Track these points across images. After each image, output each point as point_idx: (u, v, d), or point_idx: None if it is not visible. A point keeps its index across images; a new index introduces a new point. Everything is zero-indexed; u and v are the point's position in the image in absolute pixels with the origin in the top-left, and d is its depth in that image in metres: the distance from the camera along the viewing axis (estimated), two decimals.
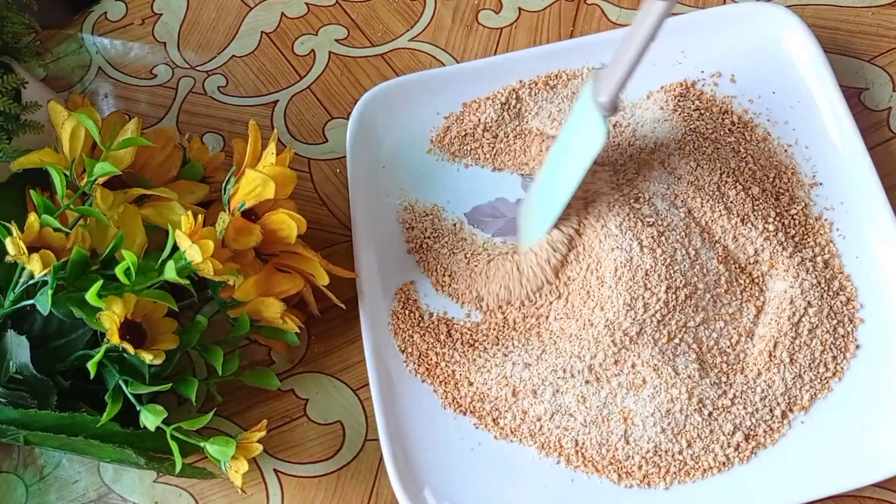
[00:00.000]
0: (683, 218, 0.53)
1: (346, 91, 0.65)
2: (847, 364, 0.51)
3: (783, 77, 0.59)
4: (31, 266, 0.46)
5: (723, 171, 0.55)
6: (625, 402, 0.50)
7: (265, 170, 0.50)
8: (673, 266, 0.51)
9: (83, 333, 0.50)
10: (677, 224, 0.53)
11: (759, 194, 0.55)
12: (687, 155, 0.56)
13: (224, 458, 0.47)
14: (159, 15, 0.70)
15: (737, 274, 0.53)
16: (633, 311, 0.50)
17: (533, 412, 0.51)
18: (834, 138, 0.56)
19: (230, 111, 0.65)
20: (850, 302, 0.52)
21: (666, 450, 0.49)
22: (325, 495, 0.52)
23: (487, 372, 0.52)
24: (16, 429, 0.49)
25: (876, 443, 0.48)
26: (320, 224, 0.59)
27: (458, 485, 0.50)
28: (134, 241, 0.49)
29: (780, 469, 0.49)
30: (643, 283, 0.51)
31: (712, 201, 0.54)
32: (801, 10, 0.61)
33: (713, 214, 0.53)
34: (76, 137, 0.51)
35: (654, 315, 0.50)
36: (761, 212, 0.54)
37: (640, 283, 0.51)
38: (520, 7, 0.66)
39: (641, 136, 0.58)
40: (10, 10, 0.54)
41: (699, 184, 0.54)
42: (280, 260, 0.52)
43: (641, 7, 0.43)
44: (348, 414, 0.54)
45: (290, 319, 0.51)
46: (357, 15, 0.68)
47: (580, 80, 0.61)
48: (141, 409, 0.48)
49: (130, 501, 0.53)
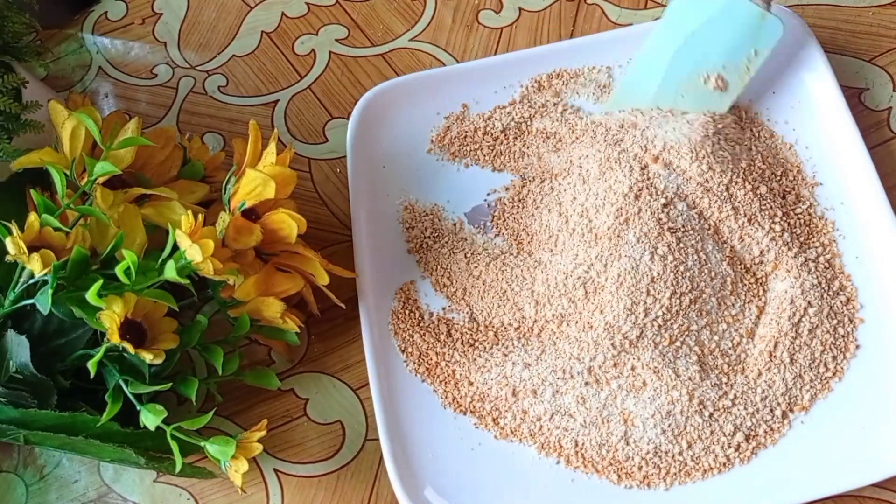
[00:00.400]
0: (699, 220, 0.53)
1: (346, 91, 0.65)
2: (847, 364, 0.51)
3: (783, 77, 0.59)
4: (31, 265, 0.46)
5: (734, 171, 0.55)
6: (625, 403, 0.50)
7: (265, 169, 0.50)
8: (682, 272, 0.51)
9: (83, 333, 0.50)
10: (694, 227, 0.53)
11: (767, 193, 0.55)
12: (699, 156, 0.56)
13: (224, 457, 0.47)
14: (160, 15, 0.70)
15: (742, 275, 0.53)
16: (634, 316, 0.50)
17: (533, 412, 0.51)
18: (834, 138, 0.56)
19: (230, 111, 0.65)
20: (850, 302, 0.52)
21: (666, 451, 0.49)
22: (325, 495, 0.52)
23: (487, 372, 0.52)
24: (16, 428, 0.49)
25: (876, 443, 0.48)
26: (320, 224, 0.59)
27: (458, 484, 0.50)
28: (134, 240, 0.49)
29: (780, 469, 0.48)
30: (647, 289, 0.51)
31: (720, 202, 0.54)
32: (801, 10, 0.61)
33: (721, 215, 0.53)
34: (76, 137, 0.51)
35: (656, 320, 0.50)
36: (768, 211, 0.54)
37: (643, 289, 0.51)
38: (520, 7, 0.66)
39: (651, 137, 0.58)
40: (11, 10, 0.54)
41: (708, 185, 0.54)
42: (280, 260, 0.52)
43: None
44: (348, 414, 0.54)
45: (290, 319, 0.51)
46: (357, 15, 0.68)
47: (580, 79, 0.61)
48: (141, 408, 0.48)
49: (130, 501, 0.53)
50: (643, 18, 0.64)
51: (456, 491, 0.50)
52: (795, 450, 0.49)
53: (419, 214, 0.58)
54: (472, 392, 0.52)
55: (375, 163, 0.60)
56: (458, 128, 0.60)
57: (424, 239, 0.57)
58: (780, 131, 0.58)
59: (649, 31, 0.58)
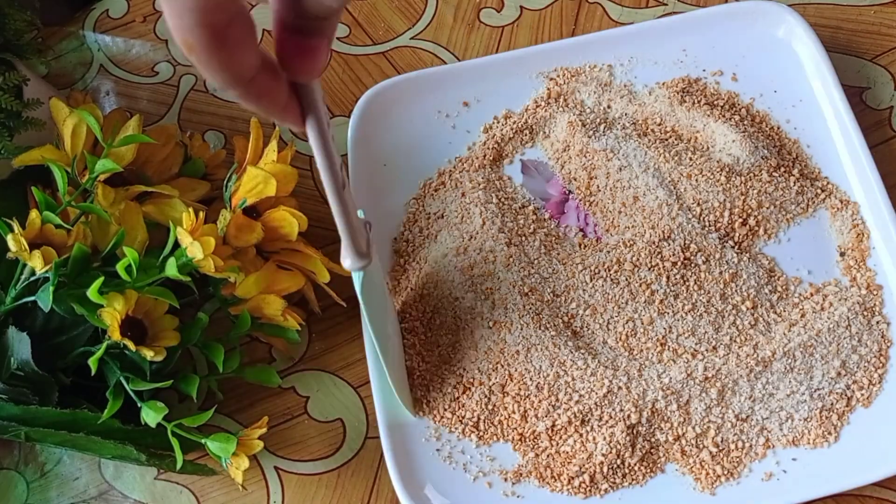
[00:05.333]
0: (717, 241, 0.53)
1: (347, 89, 0.65)
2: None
3: (785, 76, 0.59)
4: (32, 263, 0.46)
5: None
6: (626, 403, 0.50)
7: (267, 167, 0.50)
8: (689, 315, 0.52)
9: (84, 330, 0.50)
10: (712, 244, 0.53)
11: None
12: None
13: (225, 454, 0.47)
14: (161, 12, 0.70)
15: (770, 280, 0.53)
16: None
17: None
18: (835, 137, 0.56)
19: (232, 108, 0.65)
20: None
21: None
22: (326, 493, 0.52)
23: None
24: (17, 425, 0.49)
25: (876, 442, 0.48)
26: (321, 221, 0.59)
27: (459, 483, 0.50)
28: (135, 237, 0.49)
29: (781, 469, 0.49)
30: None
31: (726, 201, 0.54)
32: (802, 9, 0.61)
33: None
34: (78, 134, 0.51)
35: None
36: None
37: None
38: (521, 5, 0.66)
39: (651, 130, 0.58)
40: (12, 8, 0.54)
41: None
42: (281, 257, 0.52)
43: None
44: (349, 411, 0.54)
45: (291, 317, 0.51)
46: (359, 13, 0.68)
47: (582, 77, 0.60)
48: (142, 405, 0.48)
49: (131, 498, 0.53)
50: (644, 17, 0.64)
51: (456, 489, 0.50)
52: (795, 450, 0.49)
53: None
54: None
55: (376, 161, 0.59)
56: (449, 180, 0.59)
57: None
58: (782, 130, 0.58)
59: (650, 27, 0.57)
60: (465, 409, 0.51)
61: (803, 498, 0.47)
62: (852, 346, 0.50)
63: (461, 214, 0.56)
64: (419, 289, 0.54)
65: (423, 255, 0.55)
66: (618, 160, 0.55)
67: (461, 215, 0.56)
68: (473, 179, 0.57)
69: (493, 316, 0.52)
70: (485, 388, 0.51)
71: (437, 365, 0.52)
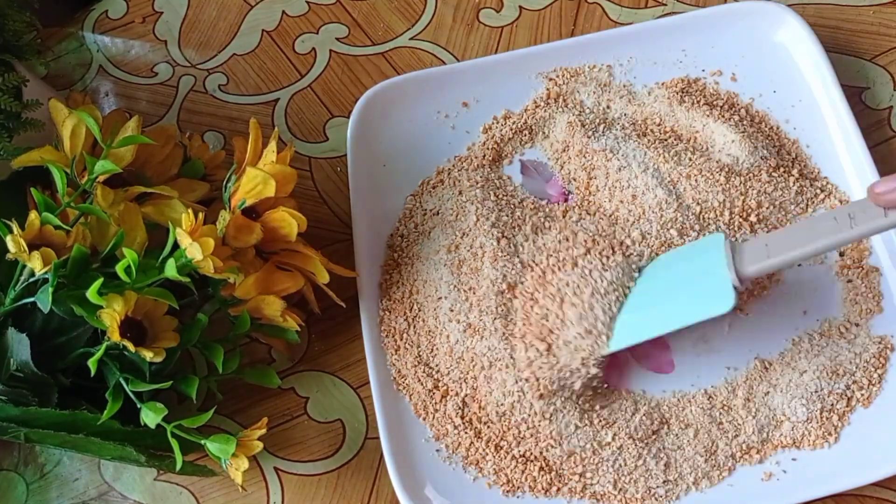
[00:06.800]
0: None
1: (346, 89, 0.65)
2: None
3: (784, 76, 0.59)
4: (31, 264, 0.46)
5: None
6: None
7: (266, 168, 0.50)
8: None
9: (84, 331, 0.50)
10: None
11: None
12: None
13: (224, 455, 0.47)
14: (160, 13, 0.70)
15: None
16: None
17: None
18: (835, 137, 0.56)
19: (231, 109, 0.65)
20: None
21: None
22: (326, 493, 0.52)
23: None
24: (16, 426, 0.49)
25: (876, 443, 0.48)
26: (321, 222, 0.59)
27: (459, 483, 0.50)
28: (134, 238, 0.49)
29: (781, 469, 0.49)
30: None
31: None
32: (802, 9, 0.61)
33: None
34: (77, 135, 0.51)
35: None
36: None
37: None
38: (521, 6, 0.66)
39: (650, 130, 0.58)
40: (12, 8, 0.54)
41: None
42: (281, 258, 0.52)
43: (843, 207, 0.42)
44: (348, 412, 0.54)
45: (290, 317, 0.51)
46: (358, 13, 0.68)
47: (581, 77, 0.60)
48: (141, 406, 0.48)
49: (131, 499, 0.53)
50: (643, 17, 0.64)
51: (456, 490, 0.50)
52: (796, 450, 0.49)
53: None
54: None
55: (376, 161, 0.59)
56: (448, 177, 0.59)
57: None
58: (782, 130, 0.58)
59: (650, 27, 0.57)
60: (447, 418, 0.51)
61: (803, 498, 0.47)
62: (852, 347, 0.50)
63: (456, 212, 0.56)
64: (408, 285, 0.54)
65: (415, 251, 0.55)
66: (617, 160, 0.55)
67: (456, 212, 0.56)
68: (472, 178, 0.57)
69: (468, 318, 0.52)
70: (458, 400, 0.51)
71: (414, 366, 0.52)
